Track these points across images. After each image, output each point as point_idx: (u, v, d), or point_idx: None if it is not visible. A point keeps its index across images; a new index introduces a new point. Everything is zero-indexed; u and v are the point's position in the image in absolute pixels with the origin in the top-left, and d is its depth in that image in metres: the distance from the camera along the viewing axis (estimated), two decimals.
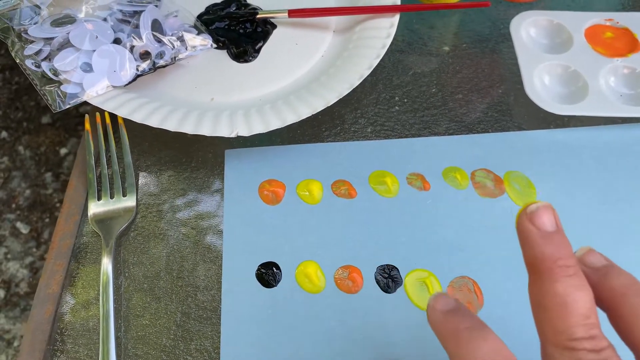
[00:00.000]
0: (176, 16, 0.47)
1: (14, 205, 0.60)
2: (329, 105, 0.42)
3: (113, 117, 0.44)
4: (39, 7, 0.44)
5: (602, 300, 0.23)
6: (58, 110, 0.41)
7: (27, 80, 0.44)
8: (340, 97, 0.42)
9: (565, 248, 0.22)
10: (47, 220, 0.64)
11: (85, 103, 0.42)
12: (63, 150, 0.63)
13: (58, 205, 0.55)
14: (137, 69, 0.43)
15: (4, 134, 0.64)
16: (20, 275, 0.59)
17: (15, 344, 0.53)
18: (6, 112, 0.65)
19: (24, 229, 0.60)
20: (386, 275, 0.38)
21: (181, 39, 0.45)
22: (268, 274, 0.38)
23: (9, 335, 0.55)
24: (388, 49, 0.45)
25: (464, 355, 0.22)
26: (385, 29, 0.47)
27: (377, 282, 0.38)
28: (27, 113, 0.65)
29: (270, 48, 0.48)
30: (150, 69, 0.44)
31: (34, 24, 0.43)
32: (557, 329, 0.21)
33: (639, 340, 0.21)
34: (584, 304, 0.21)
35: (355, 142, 0.44)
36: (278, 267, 0.39)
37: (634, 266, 0.38)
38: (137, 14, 0.45)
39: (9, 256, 0.60)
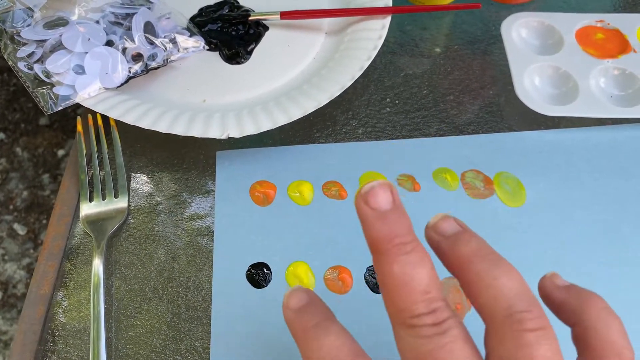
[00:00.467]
0: (169, 18, 0.47)
1: (11, 207, 0.60)
2: (321, 106, 0.42)
3: (105, 118, 0.44)
4: (32, 10, 0.44)
5: (452, 268, 0.23)
6: (50, 112, 0.42)
7: None
8: (332, 99, 0.43)
9: (402, 224, 0.22)
10: (44, 221, 0.64)
11: (79, 105, 0.43)
12: (60, 152, 0.63)
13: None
14: (130, 71, 0.44)
15: (2, 135, 0.64)
16: (17, 277, 0.59)
17: (12, 345, 0.53)
18: (4, 113, 0.65)
19: (21, 230, 0.60)
20: (376, 276, 0.38)
21: (173, 41, 0.46)
22: (258, 275, 0.39)
23: (6, 336, 0.55)
24: (380, 51, 0.45)
25: (308, 354, 0.22)
26: (377, 30, 0.47)
27: (367, 282, 0.38)
28: (25, 115, 0.65)
29: (262, 50, 0.48)
30: (142, 71, 0.44)
31: (27, 26, 0.43)
32: (399, 308, 0.21)
33: (484, 306, 0.21)
34: (423, 280, 0.21)
35: (347, 143, 0.44)
36: (268, 268, 0.39)
37: (623, 266, 0.38)
38: (129, 16, 0.45)
39: (6, 257, 0.60)
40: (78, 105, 0.43)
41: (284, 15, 0.49)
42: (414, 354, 0.21)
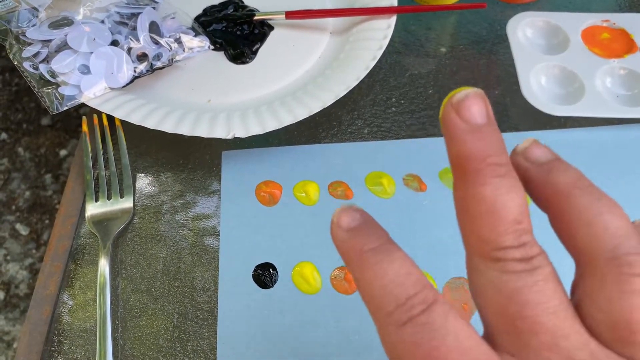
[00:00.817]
0: (174, 18, 0.47)
1: (13, 207, 0.60)
2: (326, 106, 0.42)
3: (110, 118, 0.44)
4: (37, 10, 0.44)
5: (544, 200, 0.20)
6: (55, 112, 0.42)
7: (27, 82, 0.45)
8: (337, 99, 0.42)
9: (497, 143, 0.19)
10: (46, 221, 0.64)
11: (84, 105, 0.43)
12: (63, 152, 0.63)
13: (58, 206, 0.56)
14: (135, 71, 0.44)
15: (4, 135, 0.64)
16: (20, 277, 0.59)
17: (15, 345, 0.53)
18: (6, 113, 0.65)
19: (23, 230, 0.60)
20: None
21: (178, 41, 0.46)
22: (264, 275, 0.38)
23: (9, 336, 0.55)
24: (385, 51, 0.45)
25: (369, 280, 0.19)
26: (382, 30, 0.47)
27: None
28: (27, 115, 0.65)
29: (267, 50, 0.48)
30: (147, 71, 0.44)
31: (32, 26, 0.43)
32: (483, 238, 0.18)
33: (582, 245, 0.19)
34: (515, 208, 0.18)
35: (352, 143, 0.44)
36: (274, 268, 0.39)
37: None
38: (134, 16, 0.45)
39: (8, 258, 0.60)
40: (80, 105, 0.43)
41: (289, 15, 0.49)
42: (496, 292, 0.18)
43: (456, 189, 0.19)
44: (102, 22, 0.45)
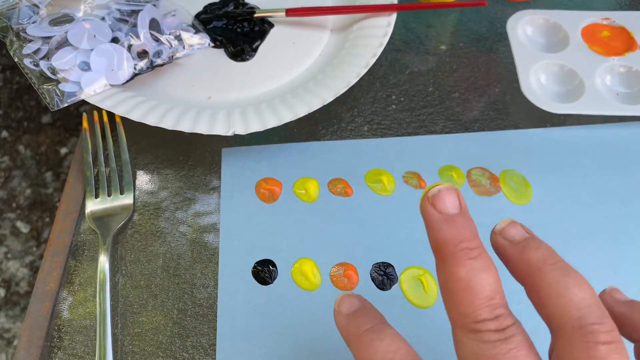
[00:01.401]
0: (174, 15, 0.47)
1: (14, 205, 0.60)
2: (326, 103, 0.42)
3: (111, 115, 0.44)
4: (38, 7, 0.44)
5: (519, 274, 0.23)
6: (56, 108, 0.42)
7: (27, 80, 0.45)
8: (337, 96, 0.43)
9: (468, 229, 0.22)
10: (47, 219, 0.65)
11: (84, 102, 0.43)
12: (63, 150, 0.63)
13: (58, 204, 0.56)
14: (135, 68, 0.44)
15: (5, 133, 0.64)
16: (21, 275, 0.59)
17: (15, 342, 0.53)
18: (7, 111, 0.65)
19: (24, 228, 0.60)
20: (382, 273, 0.38)
21: (179, 38, 0.46)
22: (264, 272, 0.38)
23: (9, 334, 0.55)
24: (385, 48, 0.45)
25: (365, 357, 0.23)
26: (383, 27, 0.47)
27: (373, 279, 0.38)
28: (28, 112, 0.65)
29: (267, 47, 0.48)
30: (147, 68, 0.44)
31: (33, 23, 0.43)
32: (462, 312, 0.21)
33: (553, 315, 0.21)
34: (488, 286, 0.21)
35: (352, 140, 0.44)
36: (274, 265, 0.39)
37: (629, 264, 0.38)
38: (135, 13, 0.45)
39: (9, 255, 0.60)
40: (81, 103, 0.43)
41: (289, 12, 0.49)
42: (476, 359, 0.21)
43: (438, 270, 0.22)
44: (103, 19, 0.45)
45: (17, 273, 0.60)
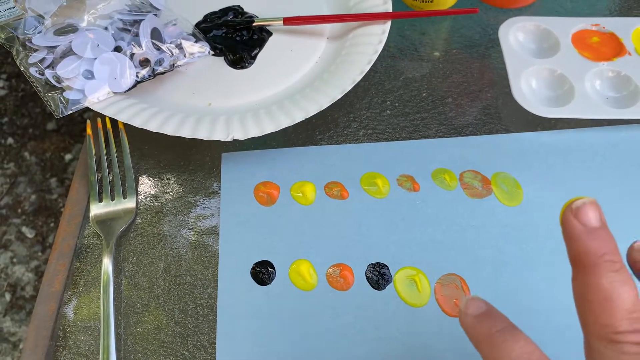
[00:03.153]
0: (175, 24, 0.48)
1: (19, 210, 0.61)
2: (323, 109, 0.43)
3: (114, 122, 0.46)
4: (43, 17, 0.45)
5: None
6: (61, 115, 0.43)
7: (32, 88, 0.46)
8: (334, 102, 0.44)
9: (611, 243, 0.23)
10: (52, 224, 0.66)
11: (88, 109, 0.44)
12: (68, 156, 0.64)
13: (63, 210, 0.57)
14: (137, 76, 0.45)
15: (10, 140, 0.65)
16: (26, 279, 0.60)
17: (21, 346, 0.54)
18: (12, 118, 0.66)
19: (29, 233, 0.61)
20: (377, 273, 0.39)
21: (180, 47, 0.47)
22: (263, 272, 0.40)
23: (15, 337, 0.56)
24: (380, 55, 0.47)
25: (497, 357, 0.23)
26: (377, 35, 0.48)
27: (368, 279, 0.39)
28: (33, 120, 0.66)
29: (266, 55, 0.50)
30: (149, 76, 0.45)
31: (38, 33, 0.45)
32: (602, 323, 0.22)
33: None
34: (629, 299, 0.22)
35: (348, 145, 0.46)
36: (272, 266, 0.40)
37: None
38: (137, 22, 0.47)
39: (14, 260, 0.61)
40: (84, 111, 0.44)
41: (287, 21, 0.50)
42: None
43: (575, 279, 0.23)
44: (106, 28, 0.46)
45: (22, 277, 0.60)
